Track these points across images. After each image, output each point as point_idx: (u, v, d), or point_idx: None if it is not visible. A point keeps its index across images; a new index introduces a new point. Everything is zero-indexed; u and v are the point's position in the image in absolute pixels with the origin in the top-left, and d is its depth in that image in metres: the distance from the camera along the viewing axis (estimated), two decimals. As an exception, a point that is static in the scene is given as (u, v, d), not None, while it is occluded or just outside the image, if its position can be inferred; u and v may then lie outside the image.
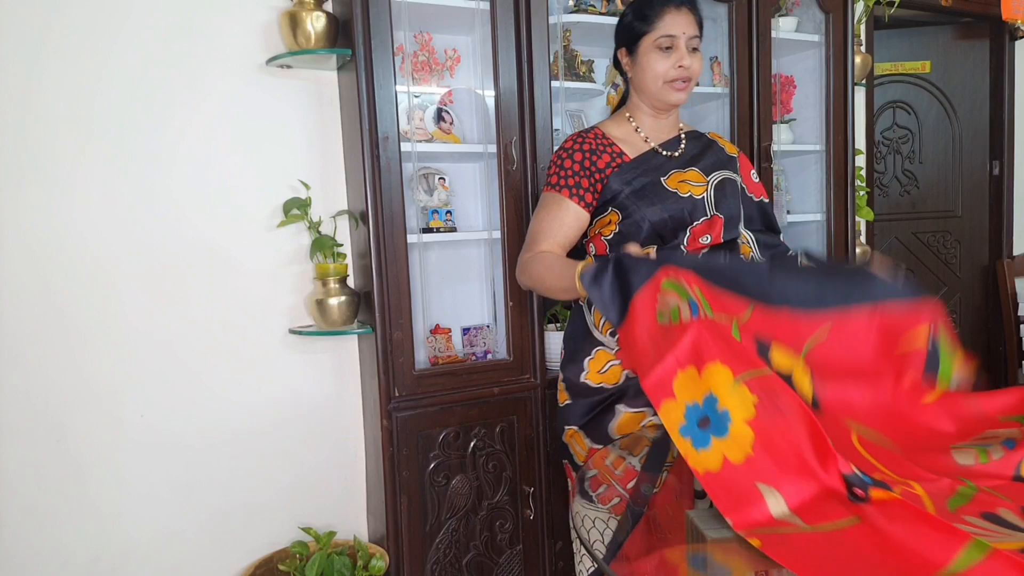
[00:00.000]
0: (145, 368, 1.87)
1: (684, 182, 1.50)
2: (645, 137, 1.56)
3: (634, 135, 1.56)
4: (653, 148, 1.54)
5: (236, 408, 1.97)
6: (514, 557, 2.02)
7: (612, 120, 1.61)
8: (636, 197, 1.48)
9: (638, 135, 1.56)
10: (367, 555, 1.91)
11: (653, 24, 1.47)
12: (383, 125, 1.79)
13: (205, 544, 1.96)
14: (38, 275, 1.75)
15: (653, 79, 1.49)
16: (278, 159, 1.97)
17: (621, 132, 1.56)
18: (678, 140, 1.57)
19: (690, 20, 1.48)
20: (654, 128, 1.57)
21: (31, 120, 1.73)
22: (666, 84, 1.48)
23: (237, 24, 1.90)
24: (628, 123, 1.57)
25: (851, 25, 2.41)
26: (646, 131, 1.56)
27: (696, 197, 1.49)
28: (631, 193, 1.48)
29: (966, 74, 3.62)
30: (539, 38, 1.92)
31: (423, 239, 1.96)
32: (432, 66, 2.09)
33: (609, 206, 1.50)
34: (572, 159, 1.50)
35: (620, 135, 1.56)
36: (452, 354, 2.01)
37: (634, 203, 1.48)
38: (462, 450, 1.93)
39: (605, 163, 1.51)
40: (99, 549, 1.85)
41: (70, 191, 1.77)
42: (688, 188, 1.49)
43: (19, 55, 1.70)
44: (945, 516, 0.87)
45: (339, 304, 1.90)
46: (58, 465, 1.80)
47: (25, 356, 1.75)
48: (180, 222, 1.88)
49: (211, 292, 1.92)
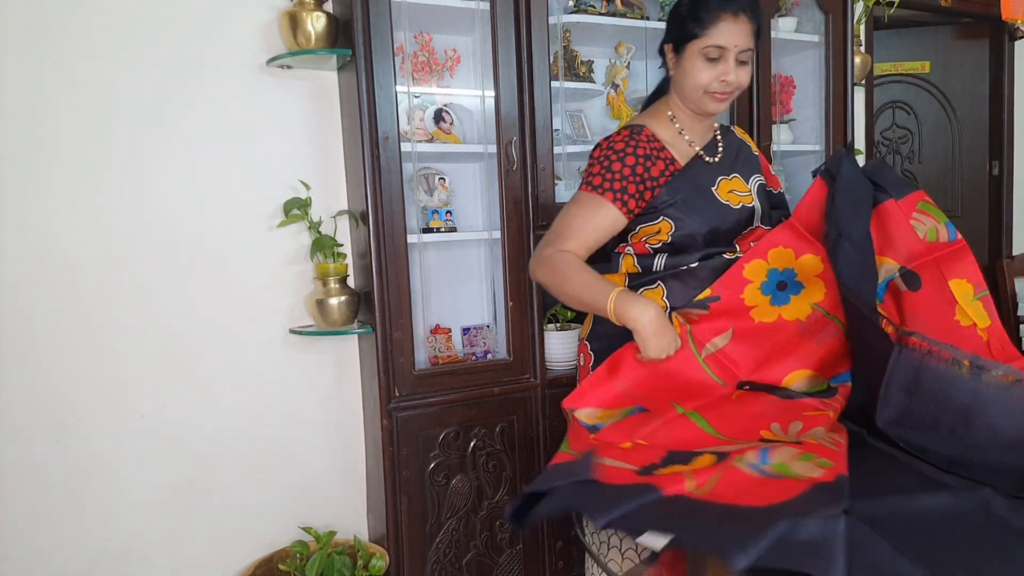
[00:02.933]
0: (145, 368, 1.87)
1: (733, 192, 1.44)
2: (690, 141, 1.48)
3: (679, 138, 1.48)
4: (698, 154, 1.48)
5: (236, 408, 1.97)
6: (514, 557, 2.02)
7: (654, 117, 1.51)
8: (689, 209, 1.41)
9: (683, 138, 1.48)
10: (367, 555, 1.91)
11: (706, 30, 1.36)
12: (383, 125, 1.79)
13: (205, 544, 1.96)
14: (38, 275, 1.75)
15: (693, 87, 1.41)
16: (278, 159, 1.97)
17: (667, 134, 1.48)
18: (715, 142, 1.51)
19: (746, 31, 1.37)
20: (696, 131, 1.50)
21: (32, 121, 1.73)
22: (706, 94, 1.40)
23: (237, 24, 1.90)
24: (672, 124, 1.49)
25: (851, 25, 2.41)
26: (690, 134, 1.49)
27: (747, 206, 1.44)
28: (683, 204, 1.41)
29: (966, 74, 3.62)
30: (539, 38, 1.92)
31: (423, 239, 1.96)
32: (432, 66, 2.09)
33: (660, 215, 1.42)
34: (623, 163, 1.40)
35: (668, 137, 1.47)
36: (452, 354, 2.01)
37: (687, 215, 1.41)
38: (462, 450, 1.93)
39: (659, 171, 1.42)
40: (99, 549, 1.85)
41: (70, 191, 1.77)
42: (739, 199, 1.44)
43: (20, 56, 1.70)
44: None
45: (339, 304, 1.90)
46: (58, 465, 1.80)
47: (25, 356, 1.75)
48: (180, 222, 1.88)
49: (211, 292, 1.92)
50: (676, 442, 1.19)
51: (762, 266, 1.33)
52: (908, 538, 0.89)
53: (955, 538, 0.91)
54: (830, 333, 1.32)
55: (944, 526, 0.93)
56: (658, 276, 1.43)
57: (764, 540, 0.86)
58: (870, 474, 1.07)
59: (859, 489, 0.99)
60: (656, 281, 1.43)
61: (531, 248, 1.96)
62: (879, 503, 0.96)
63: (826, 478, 0.99)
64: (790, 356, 1.31)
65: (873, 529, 0.90)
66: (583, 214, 1.42)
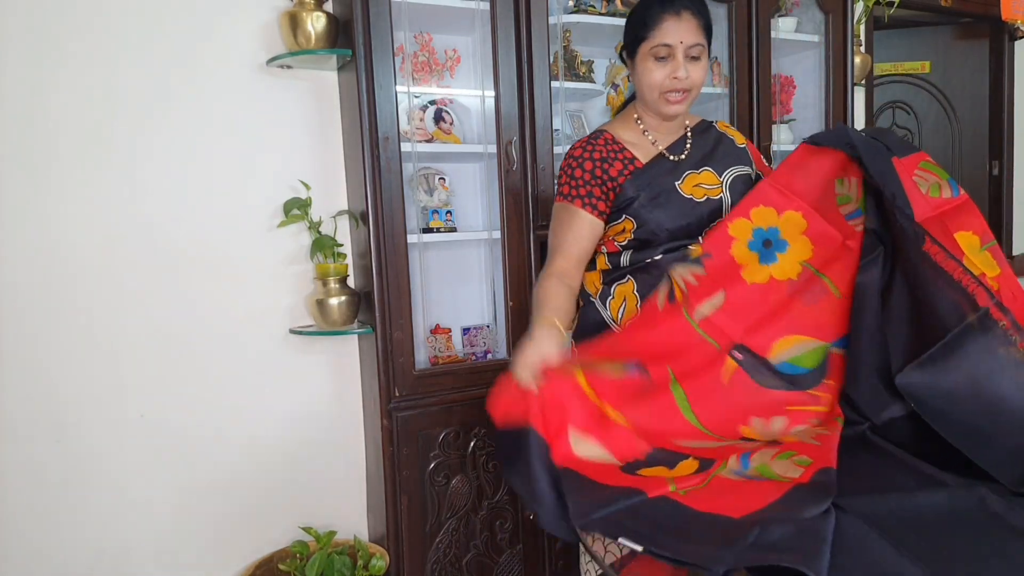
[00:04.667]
0: (145, 368, 1.87)
1: (699, 186, 1.47)
2: (653, 140, 1.51)
3: (643, 139, 1.52)
4: (661, 152, 1.50)
5: (236, 408, 1.97)
6: (514, 557, 2.02)
7: (620, 121, 1.56)
8: (652, 205, 1.45)
9: (646, 138, 1.52)
10: (367, 555, 1.91)
11: (651, 31, 1.40)
12: (383, 125, 1.79)
13: (205, 544, 1.96)
14: (38, 275, 1.76)
15: (648, 88, 1.44)
16: (278, 159, 1.97)
17: (630, 135, 1.52)
18: (683, 140, 1.54)
19: (692, 27, 1.40)
20: (661, 130, 1.53)
21: (33, 122, 1.73)
22: (661, 95, 1.43)
23: (237, 25, 1.90)
24: (636, 125, 1.53)
25: (851, 25, 2.41)
26: (653, 134, 1.52)
27: (713, 199, 1.47)
28: (647, 200, 1.45)
29: (966, 74, 3.62)
30: (539, 38, 1.92)
31: (423, 239, 1.96)
32: (432, 66, 2.09)
33: (623, 213, 1.46)
34: (582, 168, 1.46)
35: (630, 138, 1.51)
36: (452, 354, 2.01)
37: (649, 211, 1.44)
38: (462, 450, 1.93)
39: (617, 170, 1.46)
40: (99, 549, 1.85)
41: (70, 192, 1.77)
42: (704, 192, 1.47)
43: (21, 57, 1.70)
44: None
45: (339, 304, 1.90)
46: (58, 465, 1.80)
47: (25, 356, 1.76)
48: (180, 222, 1.88)
49: (211, 292, 1.92)
50: (659, 435, 1.21)
51: (746, 224, 1.36)
52: (906, 536, 0.90)
53: (953, 536, 0.92)
54: (821, 290, 1.32)
55: (942, 524, 0.93)
56: (627, 271, 1.48)
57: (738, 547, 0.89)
58: (868, 472, 1.07)
59: (857, 487, 1.00)
60: (626, 275, 1.48)
61: (531, 248, 1.96)
62: (877, 501, 0.97)
63: (803, 479, 1.02)
64: (782, 319, 1.31)
65: (871, 528, 0.90)
66: (562, 228, 1.48)
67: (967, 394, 1.05)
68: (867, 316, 1.24)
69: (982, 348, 1.05)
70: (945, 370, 1.07)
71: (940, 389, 1.07)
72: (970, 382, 1.05)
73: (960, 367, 1.06)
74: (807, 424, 1.22)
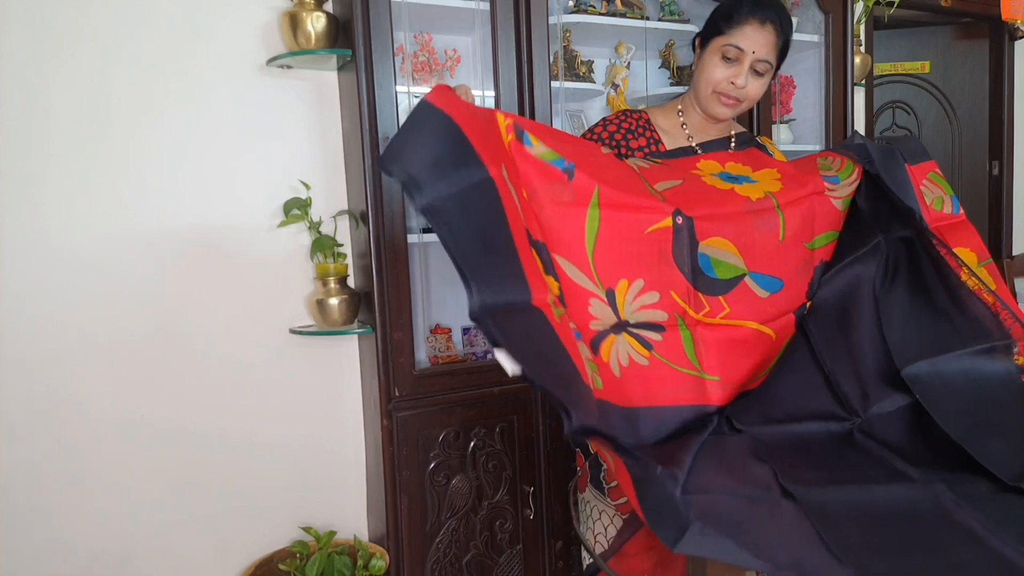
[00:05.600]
0: (145, 368, 1.87)
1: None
2: (689, 134, 1.48)
3: (679, 129, 1.48)
4: (692, 147, 1.47)
5: (236, 408, 1.97)
6: (514, 557, 2.02)
7: (663, 108, 1.52)
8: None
9: (683, 130, 1.48)
10: (367, 555, 1.91)
11: (731, 28, 1.37)
12: (383, 125, 1.79)
13: (205, 544, 1.96)
14: (38, 276, 1.76)
15: (705, 83, 1.41)
16: (278, 159, 1.97)
17: (667, 123, 1.48)
18: (727, 142, 1.50)
19: (769, 41, 1.37)
20: (701, 126, 1.49)
21: (33, 122, 1.73)
22: (714, 93, 1.40)
23: (237, 25, 1.90)
24: (677, 116, 1.49)
25: (851, 25, 2.41)
26: (692, 128, 1.48)
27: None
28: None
29: (965, 74, 3.62)
30: (539, 38, 1.92)
31: (423, 239, 1.96)
32: (432, 66, 2.09)
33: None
34: (606, 129, 1.44)
35: (665, 125, 1.48)
36: (452, 354, 2.01)
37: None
38: (462, 450, 1.93)
39: (639, 145, 1.43)
40: (99, 549, 1.85)
41: (70, 192, 1.77)
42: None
43: (22, 57, 1.70)
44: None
45: (339, 304, 1.90)
46: (58, 465, 1.80)
47: (25, 356, 1.76)
48: (180, 222, 1.88)
49: (211, 292, 1.92)
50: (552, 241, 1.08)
51: (715, 166, 1.35)
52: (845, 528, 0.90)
53: (894, 530, 0.92)
54: (772, 225, 1.26)
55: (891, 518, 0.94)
56: None
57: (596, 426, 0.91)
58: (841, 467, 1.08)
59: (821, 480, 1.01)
60: None
61: (531, 248, 1.96)
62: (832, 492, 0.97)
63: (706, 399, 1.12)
64: (728, 224, 1.23)
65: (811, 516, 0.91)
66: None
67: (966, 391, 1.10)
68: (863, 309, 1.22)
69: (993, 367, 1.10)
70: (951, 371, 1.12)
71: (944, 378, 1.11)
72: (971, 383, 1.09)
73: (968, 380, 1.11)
74: (668, 313, 1.15)
